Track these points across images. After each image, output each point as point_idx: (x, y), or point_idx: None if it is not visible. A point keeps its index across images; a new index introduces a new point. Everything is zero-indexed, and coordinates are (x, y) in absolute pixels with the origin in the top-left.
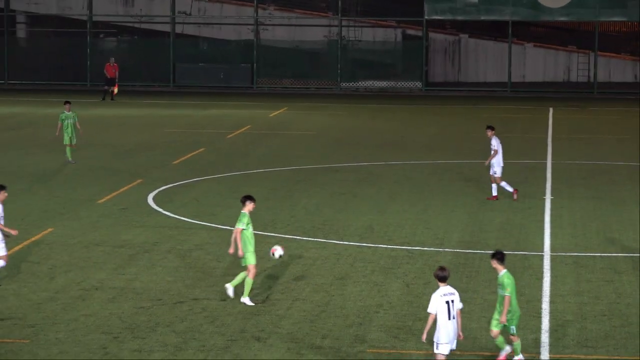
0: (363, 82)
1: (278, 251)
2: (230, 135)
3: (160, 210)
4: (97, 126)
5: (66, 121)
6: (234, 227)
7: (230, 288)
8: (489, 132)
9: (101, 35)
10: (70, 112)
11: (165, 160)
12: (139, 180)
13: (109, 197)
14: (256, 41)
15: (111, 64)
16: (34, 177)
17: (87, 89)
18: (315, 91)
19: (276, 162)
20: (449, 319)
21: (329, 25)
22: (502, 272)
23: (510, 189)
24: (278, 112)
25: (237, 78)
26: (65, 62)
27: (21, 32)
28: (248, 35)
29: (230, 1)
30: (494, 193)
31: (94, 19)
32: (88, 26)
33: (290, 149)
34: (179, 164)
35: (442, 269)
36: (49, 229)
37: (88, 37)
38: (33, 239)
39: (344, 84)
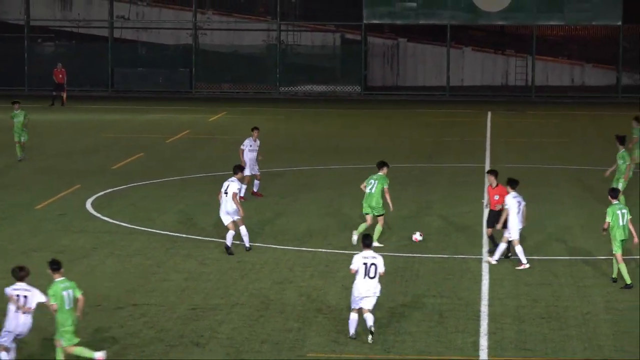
0: (302, 87)
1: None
2: (170, 140)
3: (98, 215)
4: (35, 131)
5: (15, 119)
6: (172, 232)
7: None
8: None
9: (39, 40)
10: (19, 111)
11: (104, 165)
12: (77, 186)
13: (47, 202)
14: (195, 46)
15: (59, 69)
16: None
17: (26, 94)
18: (254, 96)
19: (215, 166)
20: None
21: (268, 30)
22: None
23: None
24: (217, 116)
25: (176, 83)
26: (3, 68)
27: None
28: (187, 39)
29: (169, 5)
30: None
31: (32, 23)
32: (25, 31)
33: (229, 153)
34: (118, 169)
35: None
36: None
37: (25, 42)
38: None
39: (283, 89)
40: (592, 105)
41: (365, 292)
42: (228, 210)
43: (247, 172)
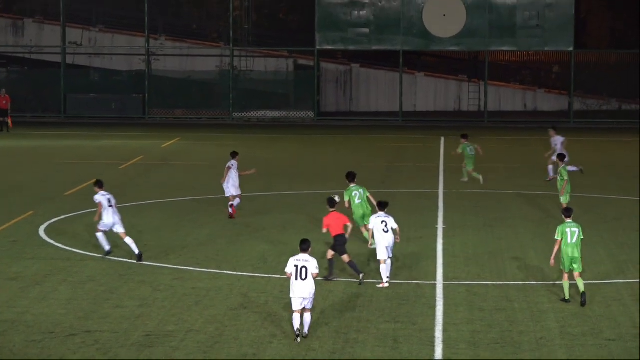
0: (255, 112)
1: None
2: (123, 166)
3: (51, 242)
4: None
5: None
6: (125, 258)
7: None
8: None
9: None
10: None
11: (57, 191)
12: (30, 212)
13: None
14: (148, 71)
15: (2, 95)
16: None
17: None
18: (207, 121)
19: (169, 192)
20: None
21: (221, 56)
22: None
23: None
24: (170, 142)
25: (129, 108)
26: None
27: None
28: (140, 65)
29: (122, 31)
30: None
31: None
32: None
33: (183, 179)
34: (71, 195)
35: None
36: None
37: None
38: None
39: (236, 114)
40: (545, 130)
41: (300, 294)
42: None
43: (234, 192)
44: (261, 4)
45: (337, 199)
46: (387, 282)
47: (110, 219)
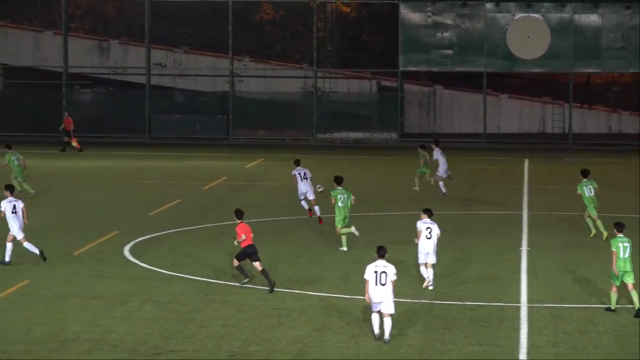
0: (338, 134)
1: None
2: (206, 187)
3: (136, 261)
4: (73, 178)
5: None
6: (209, 278)
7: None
8: None
9: (77, 87)
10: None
11: (142, 211)
12: (114, 232)
13: (84, 248)
14: (231, 92)
15: (65, 118)
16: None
17: (63, 141)
18: (290, 142)
19: (252, 213)
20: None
21: (305, 77)
22: None
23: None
24: (254, 163)
25: (213, 129)
26: (41, 114)
27: None
28: (223, 86)
29: (206, 53)
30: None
31: (70, 70)
32: (64, 78)
33: (266, 200)
34: (155, 215)
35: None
36: (24, 281)
37: (63, 89)
38: (8, 290)
39: (319, 135)
40: (630, 153)
41: (379, 299)
42: None
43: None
44: (345, 25)
45: (320, 188)
46: (430, 284)
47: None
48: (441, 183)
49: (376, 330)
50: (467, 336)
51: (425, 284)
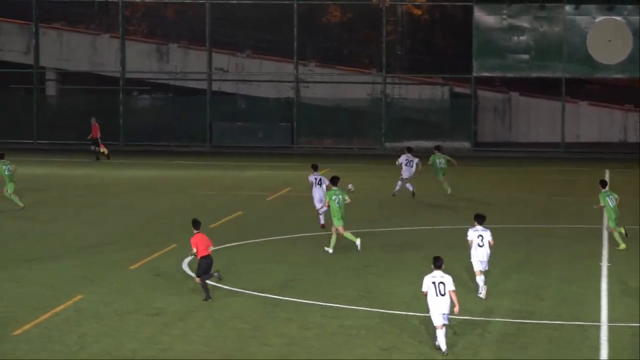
0: (408, 142)
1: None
2: (270, 198)
3: (195, 276)
4: (129, 188)
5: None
6: (272, 294)
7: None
8: None
9: (134, 93)
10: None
11: (202, 223)
12: (173, 245)
13: (141, 262)
14: (296, 99)
15: (93, 124)
16: (62, 242)
17: (120, 149)
18: (358, 151)
19: (317, 226)
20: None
21: (373, 83)
22: None
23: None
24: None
25: (277, 137)
26: (97, 121)
27: (51, 89)
28: (288, 92)
29: (270, 57)
30: None
31: (127, 75)
32: (121, 83)
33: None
34: (216, 228)
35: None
36: (79, 296)
37: (121, 95)
38: (62, 306)
39: (388, 144)
40: None
41: (440, 309)
42: None
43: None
44: (415, 28)
45: (352, 188)
46: (483, 292)
47: None
48: (408, 184)
49: (444, 347)
50: (545, 356)
51: (483, 293)
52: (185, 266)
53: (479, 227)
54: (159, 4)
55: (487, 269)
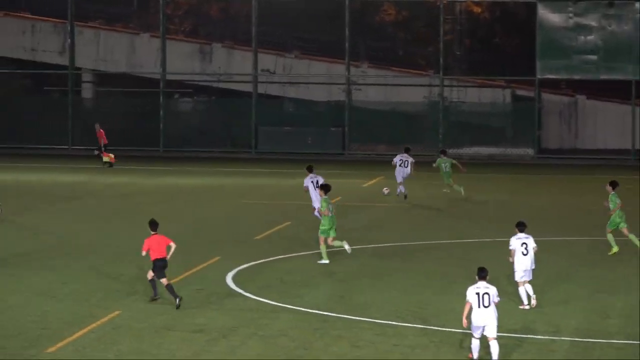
0: (467, 149)
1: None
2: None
3: (240, 291)
4: (169, 197)
5: None
6: (321, 310)
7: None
8: None
9: (175, 96)
10: None
11: (246, 235)
12: (216, 258)
13: (182, 276)
14: (348, 102)
15: (98, 130)
16: (97, 253)
17: (160, 155)
18: (414, 158)
19: (370, 237)
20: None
21: (429, 85)
22: None
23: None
24: (372, 181)
25: (327, 143)
26: (136, 125)
27: (87, 91)
28: (339, 95)
29: (320, 58)
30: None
31: (168, 77)
32: (161, 85)
33: (385, 222)
34: (262, 239)
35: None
36: (115, 312)
37: (161, 98)
38: (98, 322)
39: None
40: None
41: (483, 322)
42: None
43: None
44: (475, 26)
45: (387, 191)
46: (527, 305)
47: None
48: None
49: (475, 356)
50: None
51: (524, 306)
52: (229, 280)
53: (521, 235)
54: (202, 2)
55: (531, 278)
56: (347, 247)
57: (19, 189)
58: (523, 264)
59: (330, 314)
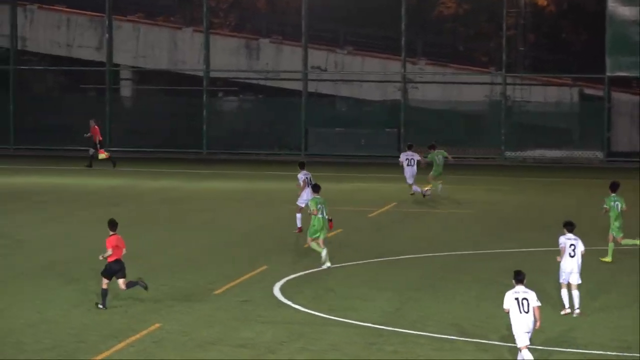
0: (532, 152)
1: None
2: (372, 214)
3: (288, 302)
4: (213, 202)
5: None
6: (375, 324)
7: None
8: None
9: (220, 94)
10: None
11: (295, 243)
12: (263, 267)
13: (227, 286)
14: (404, 101)
15: (92, 126)
16: (137, 263)
17: (204, 157)
18: (473, 161)
19: (427, 246)
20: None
21: (491, 83)
22: None
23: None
24: (429, 186)
25: (381, 145)
26: (177, 126)
27: (126, 90)
28: (394, 94)
29: (374, 54)
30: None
31: (212, 74)
32: (204, 83)
33: (443, 230)
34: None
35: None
36: (156, 324)
37: (204, 97)
38: (137, 336)
39: (508, 153)
40: None
41: (525, 328)
42: None
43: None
44: (540, 20)
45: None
46: (569, 309)
47: None
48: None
49: None
50: None
51: (565, 311)
52: (277, 291)
53: (570, 236)
54: None
55: (579, 282)
56: (324, 254)
57: (56, 194)
58: (569, 266)
59: (385, 327)
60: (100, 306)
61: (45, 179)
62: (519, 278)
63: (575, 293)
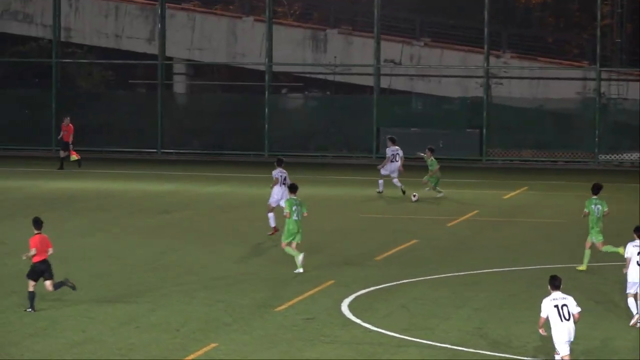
0: (629, 154)
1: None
2: (452, 223)
3: (357, 321)
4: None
5: None
6: (454, 345)
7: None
8: None
9: (283, 91)
10: None
11: (365, 255)
12: (329, 282)
13: (289, 303)
14: (487, 99)
15: (65, 125)
16: (191, 276)
17: (265, 160)
18: (564, 165)
19: (512, 259)
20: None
21: (584, 79)
22: None
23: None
24: (515, 192)
25: (462, 147)
26: (237, 125)
27: (180, 85)
28: (476, 90)
29: (454, 46)
30: None
31: (275, 69)
32: (267, 78)
33: (531, 242)
34: (383, 260)
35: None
36: (212, 345)
37: (266, 93)
38: (191, 356)
39: (603, 157)
40: None
41: (567, 336)
42: None
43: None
44: (639, 9)
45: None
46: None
47: None
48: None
49: None
50: None
51: (634, 321)
52: (345, 308)
53: (638, 242)
54: None
55: None
56: (300, 260)
57: (102, 200)
58: (636, 275)
59: (464, 349)
60: (30, 310)
61: (88, 183)
62: (555, 284)
63: (635, 303)
